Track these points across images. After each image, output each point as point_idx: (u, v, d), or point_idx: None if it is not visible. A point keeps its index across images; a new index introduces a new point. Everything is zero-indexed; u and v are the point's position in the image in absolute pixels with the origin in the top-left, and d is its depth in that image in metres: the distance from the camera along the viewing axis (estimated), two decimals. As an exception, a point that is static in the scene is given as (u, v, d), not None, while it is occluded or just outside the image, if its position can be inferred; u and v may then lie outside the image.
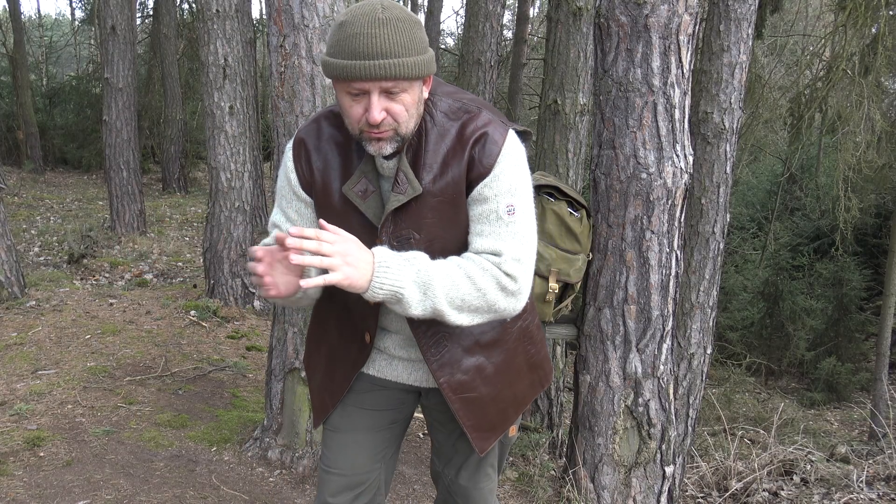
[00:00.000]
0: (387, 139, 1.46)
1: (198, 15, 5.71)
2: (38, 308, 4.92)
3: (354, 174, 1.55)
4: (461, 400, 1.66)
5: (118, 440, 3.17)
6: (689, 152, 2.64)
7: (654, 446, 2.79)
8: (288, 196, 1.64)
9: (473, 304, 1.49)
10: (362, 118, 1.44)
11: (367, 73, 1.38)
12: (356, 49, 1.38)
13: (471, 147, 1.50)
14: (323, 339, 1.80)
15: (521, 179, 1.53)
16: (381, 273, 1.40)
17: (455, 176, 1.51)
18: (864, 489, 3.52)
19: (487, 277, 1.49)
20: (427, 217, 1.52)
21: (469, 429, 1.69)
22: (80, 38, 19.48)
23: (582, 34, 4.47)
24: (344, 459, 1.77)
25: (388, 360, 1.75)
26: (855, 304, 9.53)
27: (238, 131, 5.48)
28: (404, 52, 1.39)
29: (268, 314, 5.54)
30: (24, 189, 11.27)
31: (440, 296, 1.45)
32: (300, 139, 1.62)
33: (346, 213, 1.56)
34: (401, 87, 1.42)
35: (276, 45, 2.75)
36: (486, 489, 1.88)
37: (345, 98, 1.45)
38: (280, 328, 3.04)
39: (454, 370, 1.64)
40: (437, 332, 1.62)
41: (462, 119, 1.52)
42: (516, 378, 1.73)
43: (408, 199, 1.50)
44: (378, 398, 1.78)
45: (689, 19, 2.52)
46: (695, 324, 4.16)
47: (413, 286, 1.43)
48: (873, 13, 6.17)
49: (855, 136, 6.87)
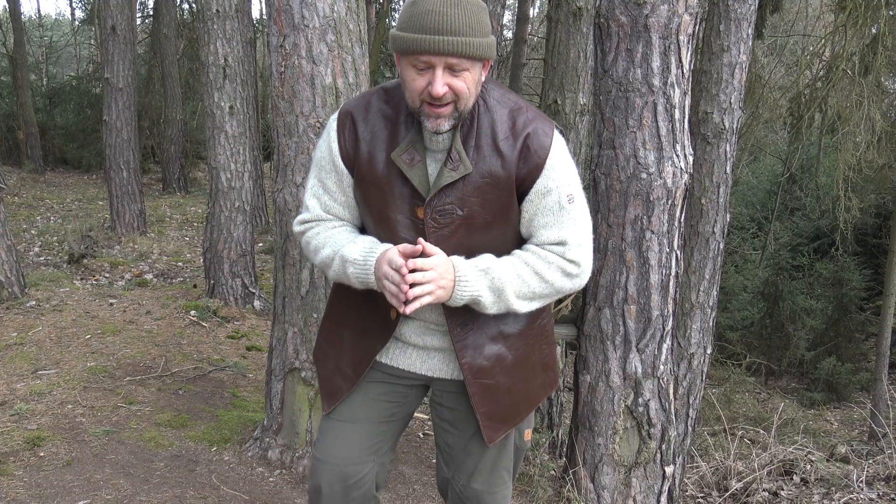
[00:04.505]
0: (445, 115, 1.54)
1: (198, 15, 5.72)
2: (39, 308, 4.92)
3: (402, 143, 1.62)
4: (479, 385, 1.72)
5: (118, 440, 3.17)
6: (689, 152, 2.64)
7: (654, 446, 2.79)
8: (327, 167, 1.71)
9: (541, 293, 1.66)
10: (425, 91, 1.52)
11: (435, 48, 1.47)
12: (427, 24, 1.47)
13: (524, 138, 1.59)
14: (343, 322, 1.83)
15: (573, 169, 1.66)
16: (461, 287, 1.58)
17: (506, 162, 1.59)
18: (864, 489, 3.52)
19: (553, 269, 1.64)
20: (472, 196, 1.60)
21: (482, 416, 1.73)
22: (80, 38, 19.48)
23: (582, 34, 4.48)
24: (337, 450, 1.79)
25: (402, 349, 1.78)
26: (855, 304, 9.52)
27: (238, 131, 5.48)
28: (472, 32, 1.49)
29: (268, 314, 5.55)
30: (24, 189, 11.27)
31: (511, 296, 1.62)
32: (347, 111, 1.69)
33: (389, 180, 1.63)
34: (464, 66, 1.50)
35: (276, 45, 2.75)
36: (499, 495, 1.86)
37: (409, 71, 1.53)
38: (280, 328, 3.04)
39: (476, 354, 1.71)
40: (466, 314, 1.69)
41: (513, 110, 1.62)
42: (531, 374, 1.80)
43: (459, 177, 1.58)
44: (384, 389, 1.81)
45: (689, 19, 2.52)
46: (695, 324, 4.16)
47: (488, 292, 1.60)
48: (873, 13, 6.17)
49: (855, 136, 6.87)
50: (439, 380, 1.79)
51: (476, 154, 1.59)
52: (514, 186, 1.61)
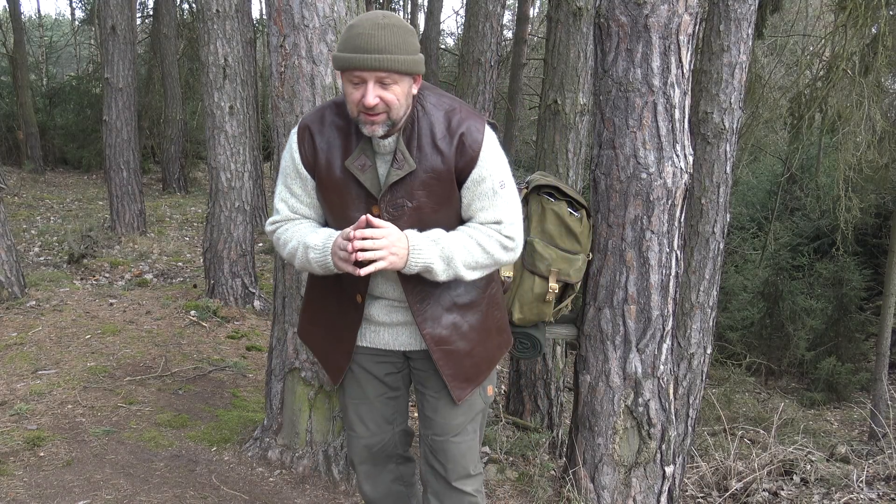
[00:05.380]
0: (379, 122, 1.77)
1: (198, 15, 5.72)
2: (39, 308, 4.92)
3: (355, 151, 1.87)
4: (441, 351, 1.98)
5: (118, 440, 3.17)
6: (689, 152, 2.64)
7: (654, 446, 2.79)
8: (292, 174, 1.97)
9: (483, 262, 1.90)
10: (360, 102, 1.75)
11: (364, 64, 1.71)
12: (359, 45, 1.71)
13: (459, 135, 1.84)
14: (321, 308, 2.10)
15: (503, 159, 1.92)
16: (414, 255, 1.80)
17: (445, 158, 1.84)
18: (864, 489, 3.52)
19: (493, 242, 1.89)
20: (418, 189, 1.85)
21: (448, 378, 2.00)
22: (80, 38, 19.49)
23: (582, 34, 4.47)
24: (358, 427, 2.12)
25: (374, 330, 2.04)
26: (855, 304, 9.52)
27: (238, 131, 5.48)
28: (397, 50, 1.72)
29: (268, 314, 5.55)
30: (24, 189, 11.27)
31: (459, 264, 1.86)
32: (305, 125, 1.93)
33: (345, 184, 1.88)
34: (392, 79, 1.74)
35: (276, 45, 2.75)
36: (464, 445, 2.10)
37: (348, 86, 1.78)
38: (280, 328, 3.04)
39: (435, 324, 1.97)
40: (423, 291, 1.94)
41: (448, 111, 1.87)
42: (486, 337, 2.06)
43: (404, 174, 1.83)
44: (380, 368, 2.08)
45: (689, 19, 2.52)
46: (695, 324, 4.16)
47: (439, 261, 1.83)
48: (873, 13, 6.17)
49: (855, 135, 6.87)
50: (412, 352, 2.05)
51: (419, 153, 1.84)
52: (454, 178, 1.86)
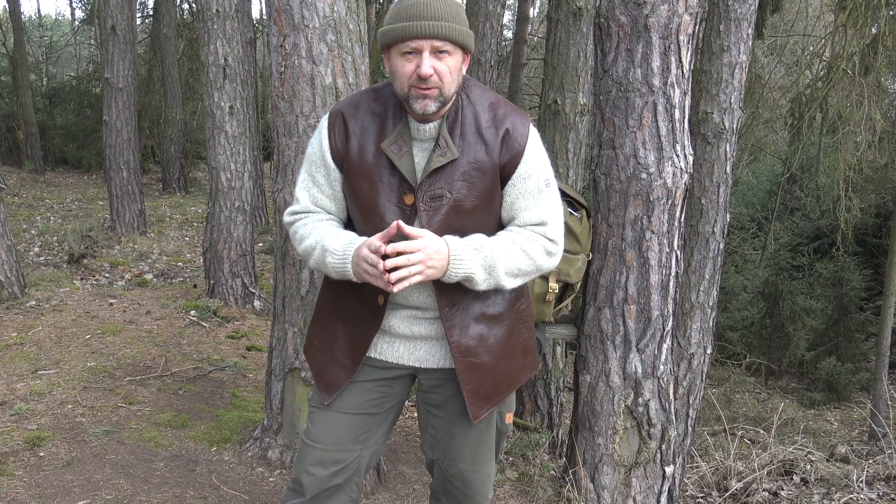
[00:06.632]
0: (432, 97, 1.67)
1: (198, 15, 5.71)
2: (39, 308, 4.92)
3: (391, 134, 1.75)
4: (466, 363, 1.84)
5: (118, 440, 3.16)
6: (689, 152, 2.64)
7: (654, 446, 2.79)
8: (317, 162, 1.83)
9: (526, 269, 1.79)
10: (413, 74, 1.65)
11: (421, 31, 1.63)
12: (414, 13, 1.64)
13: (505, 127, 1.75)
14: (335, 315, 1.94)
15: (547, 158, 1.83)
16: (455, 264, 1.69)
17: (490, 148, 1.74)
18: (864, 489, 3.52)
19: (538, 247, 1.79)
20: (459, 180, 1.73)
21: (468, 393, 1.85)
22: (80, 38, 19.48)
23: (582, 34, 4.47)
24: (326, 435, 1.89)
25: (389, 342, 1.89)
26: (855, 304, 9.51)
27: (238, 131, 5.48)
28: (453, 19, 1.66)
29: (268, 314, 5.55)
30: (24, 189, 11.27)
31: (501, 272, 1.74)
32: (338, 110, 1.82)
33: (378, 170, 1.75)
34: (448, 50, 1.66)
35: (276, 45, 2.75)
36: (483, 474, 1.98)
37: (398, 60, 1.68)
38: (280, 328, 3.04)
39: (463, 333, 1.83)
40: (454, 295, 1.81)
41: (492, 103, 1.78)
42: (511, 356, 1.92)
43: (446, 162, 1.71)
44: (372, 383, 1.91)
45: (689, 19, 2.52)
46: (695, 324, 4.16)
47: (481, 270, 1.72)
48: (873, 13, 6.16)
49: (855, 135, 6.86)
50: (426, 370, 1.90)
51: (461, 141, 1.73)
52: (497, 171, 1.75)
